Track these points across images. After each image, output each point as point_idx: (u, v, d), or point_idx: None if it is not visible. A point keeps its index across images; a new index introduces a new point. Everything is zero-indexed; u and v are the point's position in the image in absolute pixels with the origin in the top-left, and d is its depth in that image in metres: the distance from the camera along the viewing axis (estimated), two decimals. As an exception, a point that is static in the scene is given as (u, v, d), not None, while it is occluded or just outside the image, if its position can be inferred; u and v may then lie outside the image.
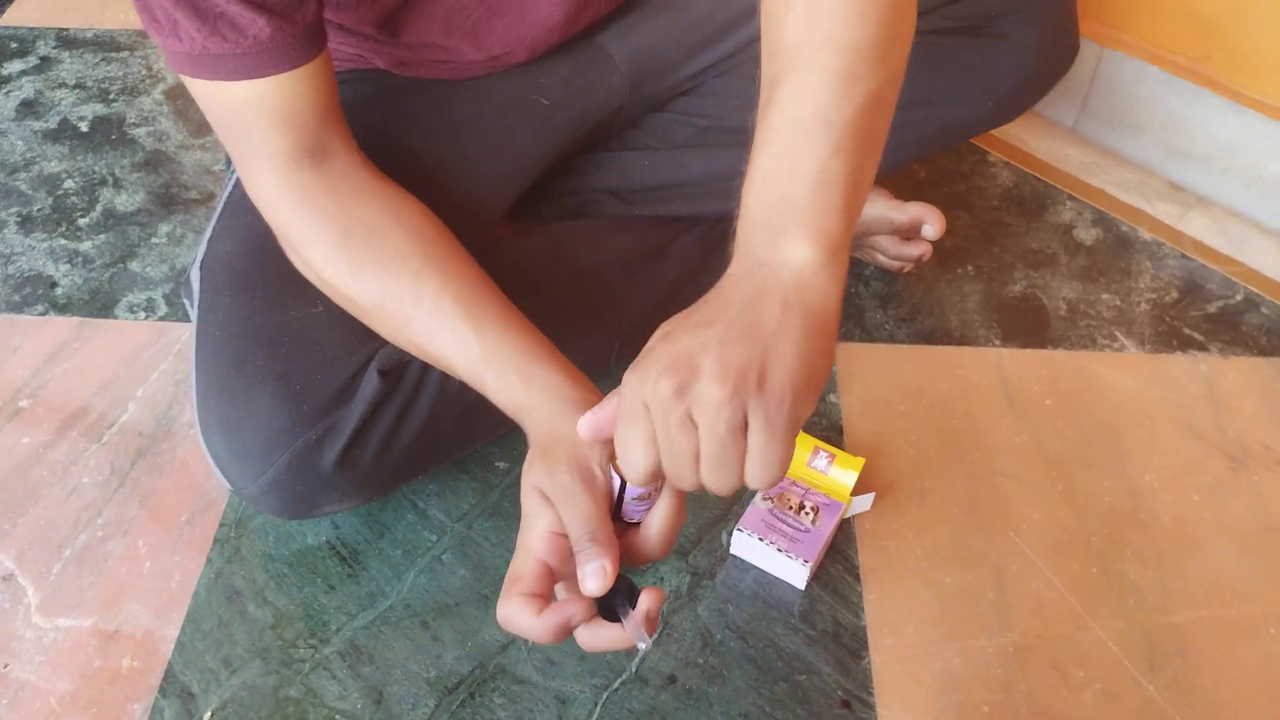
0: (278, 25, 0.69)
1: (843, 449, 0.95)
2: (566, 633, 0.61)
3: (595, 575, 0.60)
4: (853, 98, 0.60)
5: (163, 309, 1.12)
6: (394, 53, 0.92)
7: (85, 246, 1.20)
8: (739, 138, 1.02)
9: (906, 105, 0.98)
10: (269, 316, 0.81)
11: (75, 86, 1.45)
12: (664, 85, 1.03)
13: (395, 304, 0.73)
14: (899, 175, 1.26)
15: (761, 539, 0.87)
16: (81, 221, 1.24)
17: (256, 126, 0.73)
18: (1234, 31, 1.15)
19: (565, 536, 0.62)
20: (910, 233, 1.09)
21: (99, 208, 1.26)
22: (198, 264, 0.88)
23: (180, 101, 1.41)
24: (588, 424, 0.61)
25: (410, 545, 0.91)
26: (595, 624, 0.63)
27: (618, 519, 0.65)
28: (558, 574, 0.63)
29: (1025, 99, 1.03)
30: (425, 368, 0.86)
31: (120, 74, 1.47)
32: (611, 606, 0.62)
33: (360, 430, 0.81)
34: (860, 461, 0.92)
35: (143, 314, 1.12)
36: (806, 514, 0.89)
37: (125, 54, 1.51)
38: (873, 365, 1.06)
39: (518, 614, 0.61)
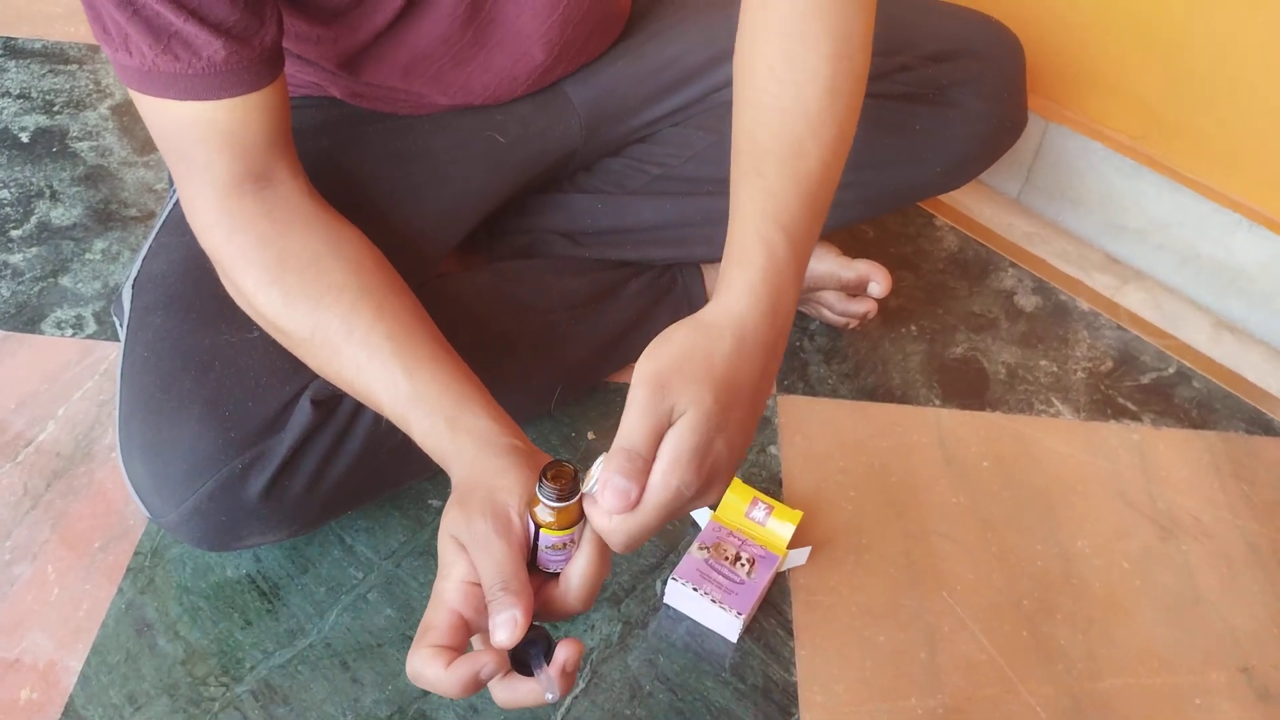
0: (234, 49, 0.67)
1: (781, 501, 0.94)
2: (477, 686, 0.59)
3: (505, 626, 0.58)
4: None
5: (91, 327, 1.09)
6: (352, 87, 0.91)
7: (15, 259, 1.17)
8: (692, 187, 1.04)
9: (858, 166, 1.00)
10: (201, 338, 0.79)
11: (19, 96, 1.41)
12: (620, 131, 1.04)
13: (326, 336, 0.70)
14: (848, 233, 1.27)
15: (696, 589, 0.86)
16: (14, 233, 1.20)
17: (201, 148, 0.71)
18: (1172, 112, 1.19)
19: (480, 586, 0.60)
20: (857, 290, 1.10)
21: (33, 220, 1.22)
22: (131, 281, 0.85)
23: (126, 118, 1.39)
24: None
25: (335, 582, 0.88)
26: (510, 679, 0.61)
27: (536, 570, 0.63)
28: (473, 626, 0.61)
29: (973, 167, 1.06)
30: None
31: (67, 87, 1.44)
32: (525, 660, 0.60)
33: (289, 461, 0.79)
34: (798, 514, 0.91)
35: (70, 331, 1.08)
36: (742, 565, 0.88)
37: (73, 67, 1.48)
38: (814, 419, 1.06)
39: (425, 666, 0.58)
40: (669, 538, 0.94)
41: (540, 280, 1.03)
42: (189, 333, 0.79)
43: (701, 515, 0.93)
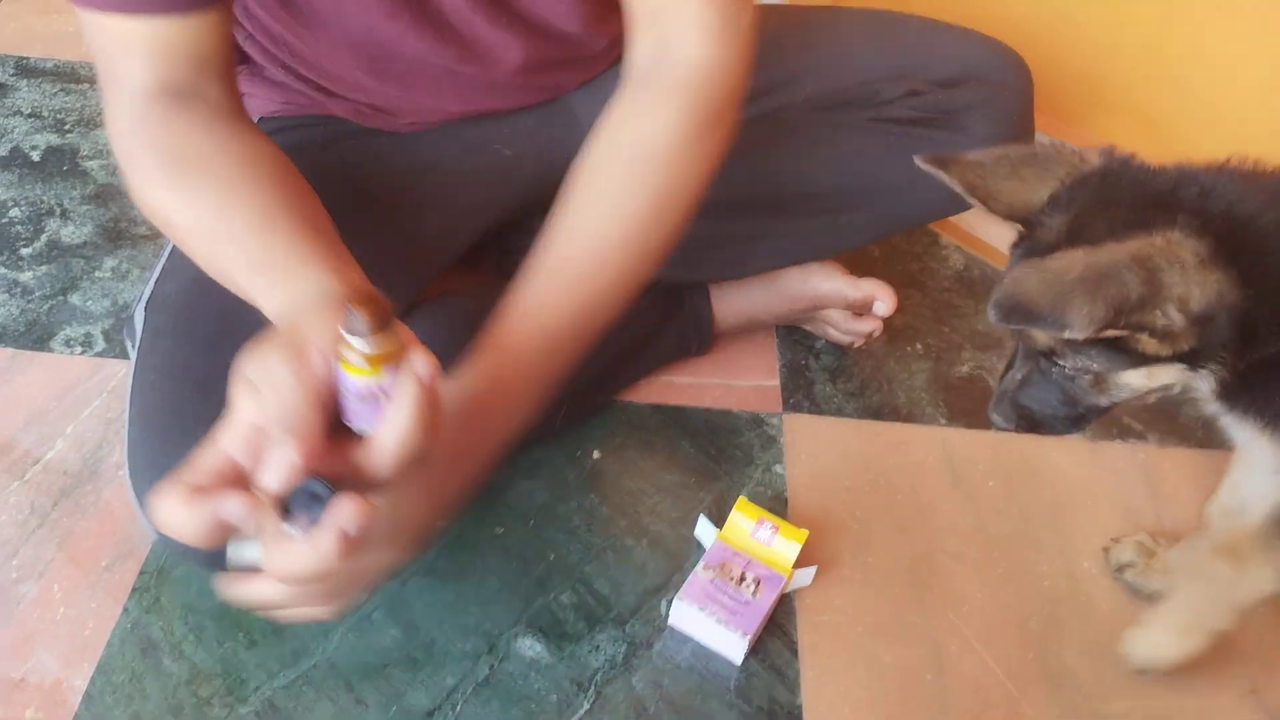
0: None
1: (787, 520, 0.94)
2: (222, 531, 0.50)
3: (275, 467, 0.49)
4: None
5: (100, 344, 1.09)
6: (347, 101, 0.92)
7: (25, 276, 1.17)
8: (700, 209, 1.04)
9: (869, 190, 1.01)
10: (204, 360, 0.79)
11: (30, 115, 1.42)
12: None
13: (198, 221, 0.67)
14: (854, 253, 1.27)
15: (701, 609, 0.86)
16: (24, 251, 1.21)
17: (124, 60, 0.71)
18: (1178, 131, 1.19)
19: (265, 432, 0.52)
20: (862, 308, 1.10)
21: (44, 238, 1.23)
22: (143, 303, 0.86)
23: (137, 137, 1.39)
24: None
25: (340, 601, 0.88)
26: (280, 542, 0.51)
27: (346, 430, 0.54)
28: (244, 475, 0.52)
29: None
30: None
31: (78, 105, 1.45)
32: (293, 511, 0.50)
33: None
34: (803, 534, 0.91)
35: (79, 349, 1.09)
36: (748, 586, 0.88)
37: (85, 86, 1.49)
38: (820, 438, 1.06)
39: (165, 504, 0.50)
40: (674, 558, 0.94)
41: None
42: (193, 355, 0.79)
43: (707, 535, 0.93)
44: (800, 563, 0.91)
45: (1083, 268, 0.58)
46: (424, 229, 0.93)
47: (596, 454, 1.02)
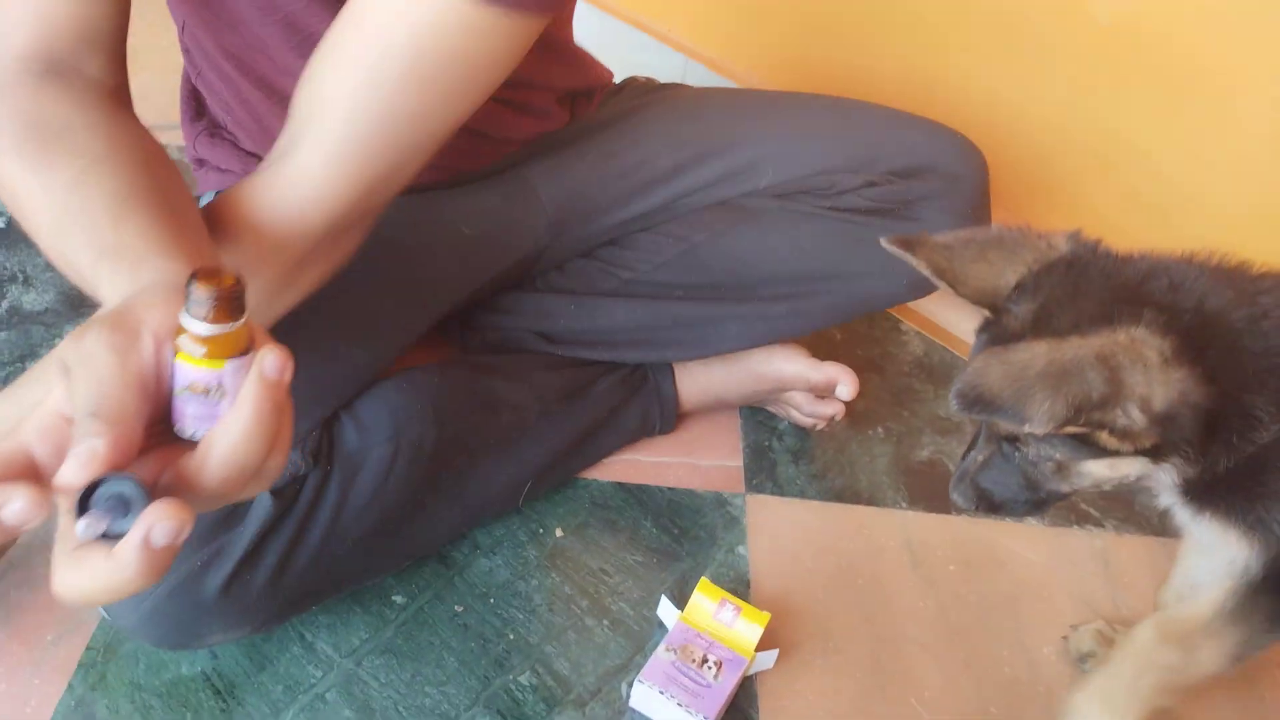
0: None
1: (749, 602, 0.94)
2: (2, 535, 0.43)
3: (75, 459, 0.41)
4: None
5: (57, 413, 1.08)
6: None
7: (-17, 343, 1.16)
8: (662, 291, 1.06)
9: (826, 276, 1.03)
10: None
11: (-3, 182, 1.42)
12: (589, 230, 1.05)
13: (49, 199, 0.62)
14: (816, 336, 1.29)
15: (662, 691, 0.85)
16: (-17, 317, 1.19)
17: (3, 16, 0.68)
18: (1130, 227, 1.23)
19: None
20: (825, 391, 1.11)
21: (4, 305, 1.22)
22: None
23: (105, 206, 1.39)
24: None
25: (292, 680, 0.86)
26: (78, 556, 0.42)
27: (173, 440, 0.47)
28: (43, 469, 0.43)
29: (935, 279, 1.08)
30: (320, 486, 0.83)
31: (46, 173, 1.45)
32: (92, 514, 0.41)
33: (249, 555, 0.78)
34: (766, 616, 0.91)
35: (35, 417, 1.07)
36: (709, 668, 0.87)
37: (54, 154, 1.49)
38: (783, 519, 1.06)
39: None
40: (635, 639, 0.93)
41: (515, 374, 1.03)
42: None
43: (669, 616, 0.93)
44: (762, 645, 0.90)
45: (1045, 362, 0.57)
46: (383, 307, 0.93)
47: (559, 532, 1.02)
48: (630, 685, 0.88)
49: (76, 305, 1.22)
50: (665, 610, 0.94)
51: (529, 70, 0.87)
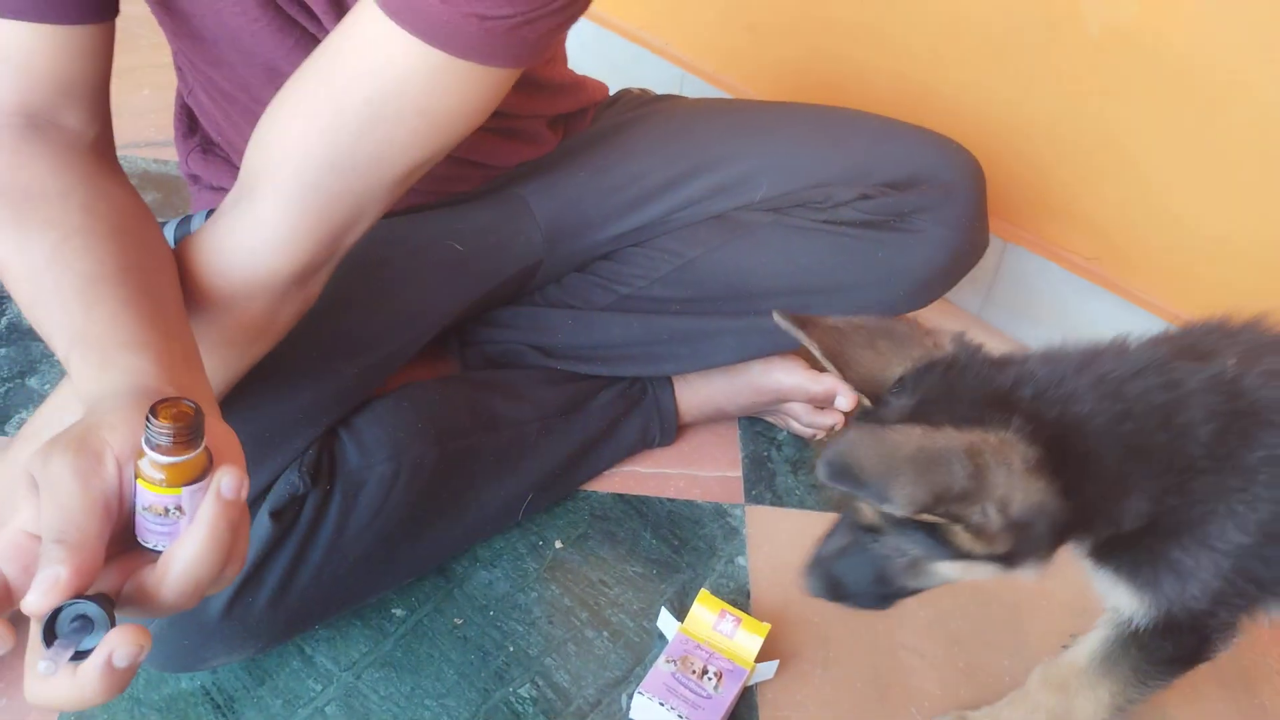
0: None
1: (749, 613, 0.94)
2: None
3: (40, 585, 0.44)
4: None
5: (57, 429, 1.08)
6: None
7: (-17, 359, 1.16)
8: (659, 306, 1.06)
9: (824, 290, 1.03)
10: None
11: None
12: (583, 245, 1.05)
13: (26, 271, 0.63)
14: (814, 346, 1.30)
15: (662, 703, 0.85)
16: (-17, 333, 1.20)
17: None
18: (1124, 236, 1.24)
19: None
20: (824, 402, 1.11)
21: (3, 321, 1.22)
22: None
23: (105, 222, 1.40)
24: None
25: (292, 694, 0.86)
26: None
27: (136, 547, 0.50)
28: (14, 589, 0.48)
29: (935, 289, 1.07)
30: (321, 505, 0.83)
31: (46, 190, 1.46)
32: (57, 636, 0.45)
33: (250, 577, 0.78)
34: (766, 627, 0.91)
35: (34, 432, 1.07)
36: (709, 679, 0.87)
37: (54, 172, 1.50)
38: (782, 530, 1.06)
39: None
40: (635, 651, 0.93)
41: (514, 390, 1.04)
42: None
43: (669, 627, 0.93)
44: (763, 656, 0.90)
45: (916, 448, 0.58)
46: (375, 325, 0.93)
47: (558, 544, 1.02)
48: (630, 697, 0.88)
49: (76, 321, 1.23)
50: (665, 622, 0.94)
51: (516, 104, 0.88)
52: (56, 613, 0.45)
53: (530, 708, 0.88)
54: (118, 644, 0.45)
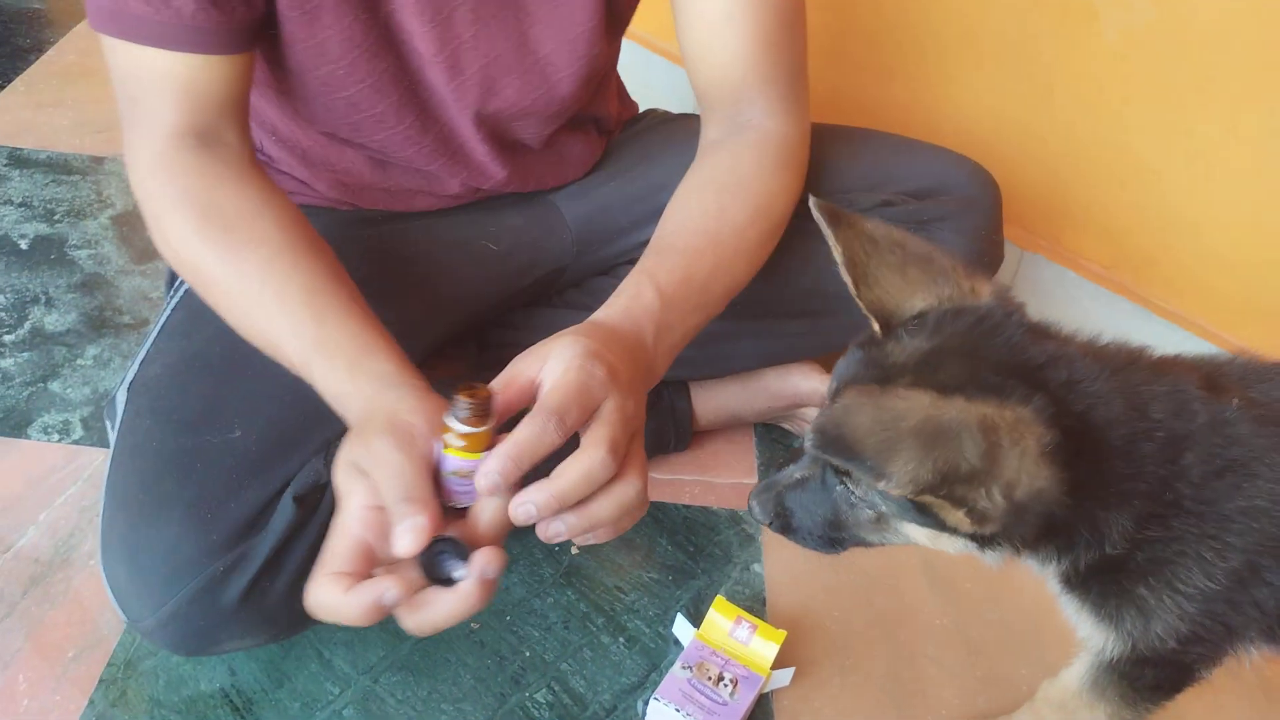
0: (202, 6, 0.71)
1: (765, 620, 0.94)
2: (380, 613, 0.56)
3: (408, 532, 0.55)
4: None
5: (78, 432, 1.09)
6: (328, 169, 0.95)
7: (6, 363, 1.17)
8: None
9: (846, 294, 1.03)
10: (183, 441, 0.79)
11: (20, 205, 1.44)
12: (611, 250, 1.06)
13: (244, 285, 0.71)
14: (832, 353, 1.30)
15: (678, 709, 0.85)
16: (7, 338, 1.21)
17: (154, 95, 0.74)
18: (1142, 244, 1.24)
19: (384, 510, 0.57)
20: (840, 408, 1.11)
21: (27, 325, 1.23)
22: (126, 384, 0.86)
23: (126, 228, 1.41)
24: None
25: (310, 697, 0.87)
26: (422, 598, 0.57)
27: (445, 503, 0.60)
28: (377, 552, 0.57)
29: (952, 299, 1.08)
30: None
31: (68, 196, 1.47)
32: (437, 568, 0.57)
33: (271, 561, 0.78)
34: (782, 634, 0.91)
35: (56, 436, 1.08)
36: (725, 686, 0.87)
37: (76, 178, 1.51)
38: (798, 537, 1.06)
39: (324, 593, 0.56)
40: (651, 657, 0.93)
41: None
42: (172, 435, 0.80)
43: (685, 633, 0.93)
44: (778, 663, 0.90)
45: (922, 418, 0.51)
46: (407, 314, 0.94)
47: (574, 549, 1.02)
48: (646, 703, 0.88)
49: (98, 326, 1.24)
50: (681, 628, 0.94)
51: (593, 105, 0.99)
52: (424, 554, 0.56)
53: (546, 713, 0.88)
54: (486, 561, 0.56)
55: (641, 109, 1.18)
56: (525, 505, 0.58)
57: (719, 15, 0.88)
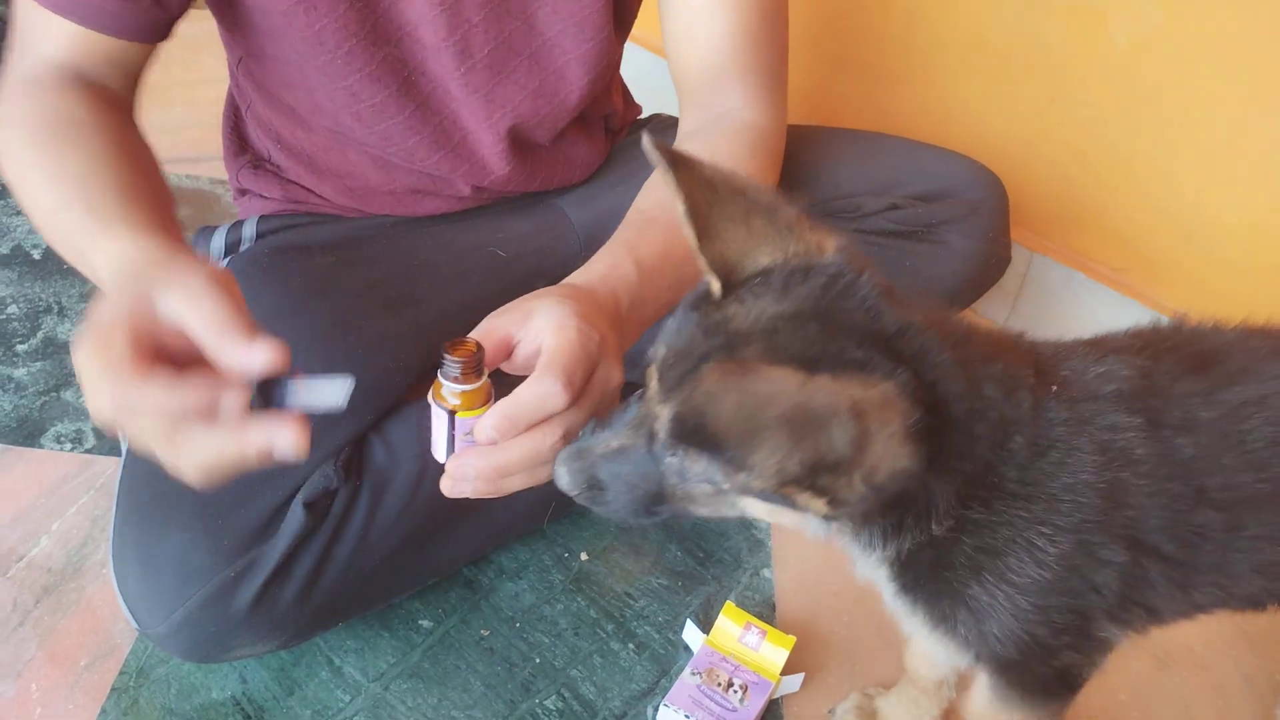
0: None
1: (775, 625, 0.94)
2: (205, 415, 0.51)
3: (267, 350, 0.52)
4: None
5: (91, 441, 1.10)
6: (336, 175, 0.96)
7: (19, 373, 1.18)
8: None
9: None
10: None
11: (33, 215, 1.45)
12: None
13: (61, 177, 0.69)
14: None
15: (688, 716, 0.85)
16: (20, 347, 1.22)
17: (47, 36, 0.76)
18: (1152, 247, 1.23)
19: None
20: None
21: (40, 334, 1.24)
22: None
23: (138, 237, 1.42)
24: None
25: (321, 705, 0.87)
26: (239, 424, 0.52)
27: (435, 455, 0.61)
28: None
29: (961, 300, 1.08)
30: (350, 501, 0.85)
31: (81, 207, 1.48)
32: (278, 392, 0.53)
33: (281, 567, 0.79)
34: (791, 640, 0.91)
35: (69, 445, 1.09)
36: (735, 692, 0.87)
37: (88, 188, 1.52)
38: (808, 543, 1.06)
39: (130, 377, 0.50)
40: (661, 663, 0.93)
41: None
42: None
43: (695, 639, 0.93)
44: (788, 669, 0.90)
45: (791, 404, 0.45)
46: (419, 322, 0.95)
47: (584, 556, 1.02)
48: (656, 709, 0.88)
49: (110, 335, 1.25)
50: (690, 634, 0.94)
51: (598, 104, 0.99)
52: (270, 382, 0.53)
53: (556, 719, 0.88)
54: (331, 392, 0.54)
55: (646, 114, 1.18)
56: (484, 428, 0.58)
57: (702, 3, 0.89)
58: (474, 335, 0.62)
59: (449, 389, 0.57)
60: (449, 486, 0.61)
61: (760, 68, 0.91)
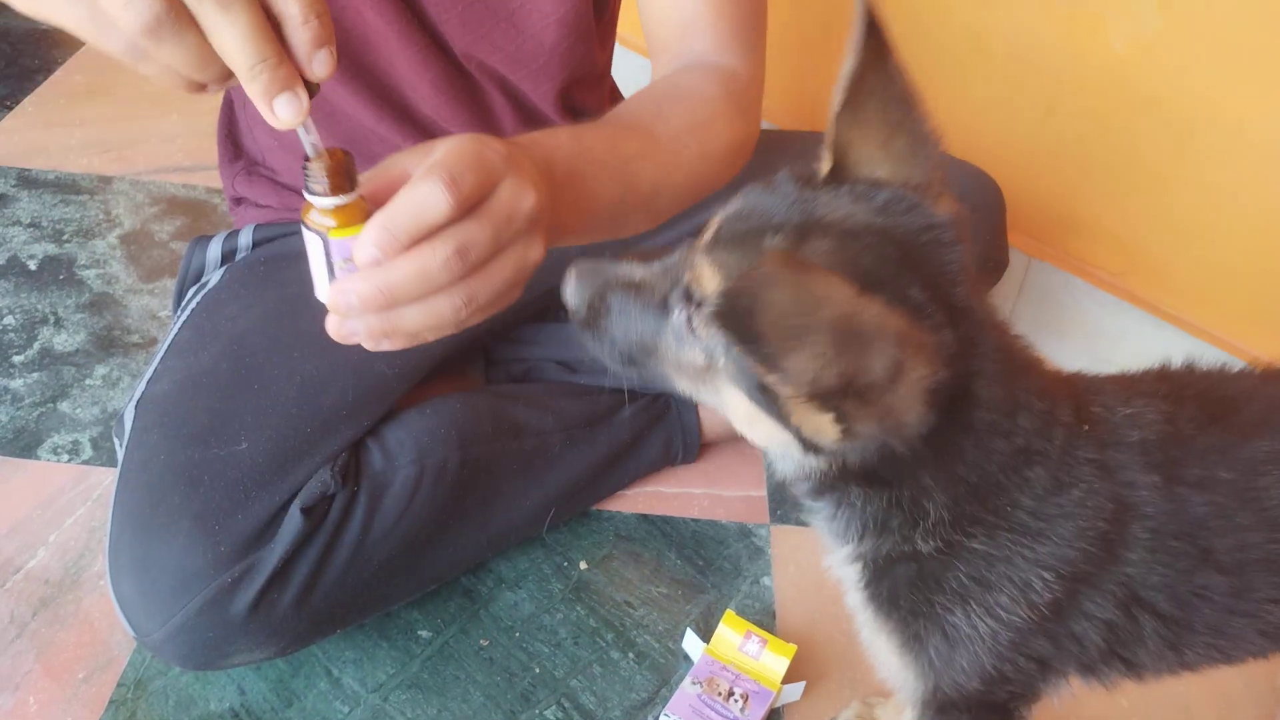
0: None
1: (775, 634, 0.93)
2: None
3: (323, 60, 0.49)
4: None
5: (88, 452, 1.09)
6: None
7: (16, 384, 1.18)
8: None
9: None
10: (191, 454, 0.79)
11: (29, 225, 1.45)
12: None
13: None
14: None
15: (689, 726, 0.84)
16: (16, 359, 1.21)
17: None
18: (1151, 251, 1.23)
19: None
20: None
21: (36, 346, 1.24)
22: (134, 402, 0.86)
23: (134, 247, 1.42)
24: None
25: (320, 716, 0.87)
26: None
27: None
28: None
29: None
30: (348, 506, 0.84)
31: (77, 216, 1.48)
32: None
33: (279, 572, 0.79)
34: (792, 649, 0.90)
35: (66, 456, 1.09)
36: (736, 701, 0.87)
37: (84, 198, 1.52)
38: (808, 550, 1.06)
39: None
40: (661, 672, 0.93)
41: (538, 402, 1.04)
42: (180, 449, 0.80)
43: (695, 648, 0.92)
44: (789, 678, 0.90)
45: (841, 312, 0.43)
46: None
47: (583, 565, 1.02)
48: (656, 719, 0.88)
49: (106, 346, 1.24)
50: (690, 643, 0.93)
51: (585, 97, 0.97)
52: None
53: (556, 730, 0.88)
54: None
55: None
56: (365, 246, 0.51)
57: None
58: (370, 173, 0.54)
59: (319, 206, 0.50)
60: (334, 325, 0.54)
61: (734, 15, 0.87)
